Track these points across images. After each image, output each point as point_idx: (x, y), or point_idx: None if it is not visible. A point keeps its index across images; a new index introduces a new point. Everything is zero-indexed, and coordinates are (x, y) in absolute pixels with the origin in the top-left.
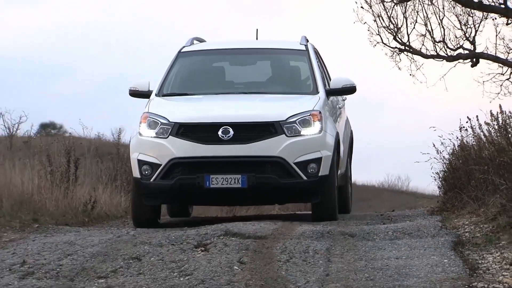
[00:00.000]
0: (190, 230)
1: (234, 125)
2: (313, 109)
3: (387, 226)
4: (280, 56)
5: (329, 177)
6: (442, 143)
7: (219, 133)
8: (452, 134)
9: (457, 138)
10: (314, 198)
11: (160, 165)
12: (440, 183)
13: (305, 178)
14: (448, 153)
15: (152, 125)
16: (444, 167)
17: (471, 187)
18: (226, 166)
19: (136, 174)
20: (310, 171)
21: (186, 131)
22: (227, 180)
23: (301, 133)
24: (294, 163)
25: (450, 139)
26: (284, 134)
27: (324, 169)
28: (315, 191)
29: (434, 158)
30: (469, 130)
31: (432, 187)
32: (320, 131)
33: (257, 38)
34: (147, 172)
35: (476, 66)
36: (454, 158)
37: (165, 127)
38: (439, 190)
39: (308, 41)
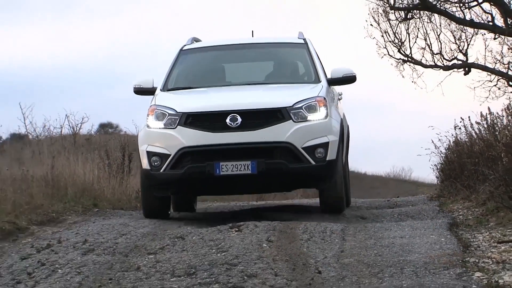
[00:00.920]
0: (226, 214)
1: (241, 113)
2: (318, 95)
3: (393, 210)
4: (280, 49)
5: (336, 161)
6: (439, 139)
7: (227, 121)
8: (448, 132)
9: (452, 135)
10: (323, 183)
11: (169, 155)
12: (437, 174)
13: (313, 162)
14: (445, 148)
15: (160, 116)
16: (441, 160)
17: (464, 177)
18: (236, 153)
19: (145, 165)
20: (318, 156)
21: (194, 120)
22: (236, 167)
23: (307, 119)
24: (302, 148)
25: (446, 136)
26: (291, 120)
27: (332, 154)
28: (323, 176)
29: (432, 152)
30: (462, 128)
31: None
32: (326, 117)
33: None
34: (156, 163)
35: (468, 74)
36: (449, 152)
37: (173, 117)
38: (437, 180)
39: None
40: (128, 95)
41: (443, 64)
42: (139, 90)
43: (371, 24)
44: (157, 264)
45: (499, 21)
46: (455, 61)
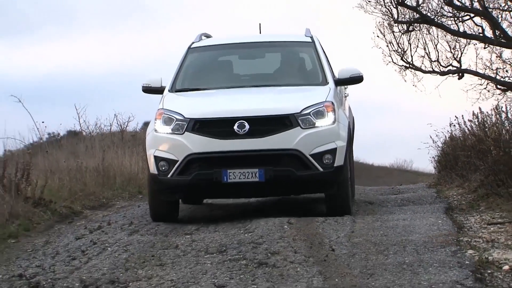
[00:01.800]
0: (252, 200)
1: (249, 119)
2: (326, 100)
3: (396, 196)
4: (287, 48)
5: (344, 167)
6: (436, 135)
7: (235, 128)
8: (444, 128)
9: (448, 131)
10: (330, 189)
11: (177, 161)
12: (435, 165)
13: (321, 169)
14: (441, 142)
15: (168, 121)
16: (438, 153)
17: (458, 167)
18: (243, 160)
19: (153, 170)
20: (326, 162)
21: (202, 126)
22: (244, 174)
23: (315, 125)
24: (310, 155)
25: (442, 132)
26: (299, 126)
27: (339, 160)
28: (331, 182)
29: (431, 146)
30: (457, 125)
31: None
32: (334, 122)
33: (260, 32)
34: (164, 168)
35: (462, 79)
36: (445, 146)
37: (181, 123)
38: (435, 170)
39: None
40: None
41: (440, 70)
42: (147, 89)
43: (377, 36)
44: (193, 243)
45: (489, 33)
46: (450, 67)
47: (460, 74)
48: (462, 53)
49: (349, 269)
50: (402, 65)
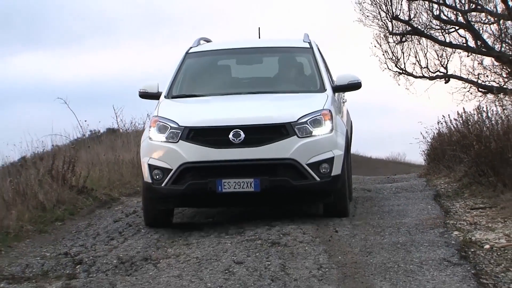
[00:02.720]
0: None
1: (244, 128)
2: (323, 108)
3: (391, 185)
4: (285, 54)
5: (341, 176)
6: (426, 131)
7: (230, 137)
8: (433, 126)
9: (436, 128)
10: (327, 198)
11: (171, 169)
12: (425, 157)
13: (318, 179)
14: (430, 138)
15: (162, 129)
16: (427, 147)
17: (445, 160)
18: (238, 170)
19: (147, 178)
20: (323, 171)
21: (196, 135)
22: (239, 184)
23: (312, 134)
24: (307, 164)
25: (431, 129)
26: (295, 135)
27: (336, 169)
28: (328, 192)
29: (421, 141)
30: (444, 123)
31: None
32: (331, 131)
33: (259, 36)
34: (158, 177)
35: (448, 83)
36: (434, 141)
37: (175, 131)
38: (425, 162)
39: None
40: None
41: (429, 75)
42: (144, 95)
43: (375, 46)
44: (215, 225)
45: (471, 43)
46: (438, 73)
47: (447, 78)
48: (448, 61)
49: (350, 248)
50: (396, 71)
